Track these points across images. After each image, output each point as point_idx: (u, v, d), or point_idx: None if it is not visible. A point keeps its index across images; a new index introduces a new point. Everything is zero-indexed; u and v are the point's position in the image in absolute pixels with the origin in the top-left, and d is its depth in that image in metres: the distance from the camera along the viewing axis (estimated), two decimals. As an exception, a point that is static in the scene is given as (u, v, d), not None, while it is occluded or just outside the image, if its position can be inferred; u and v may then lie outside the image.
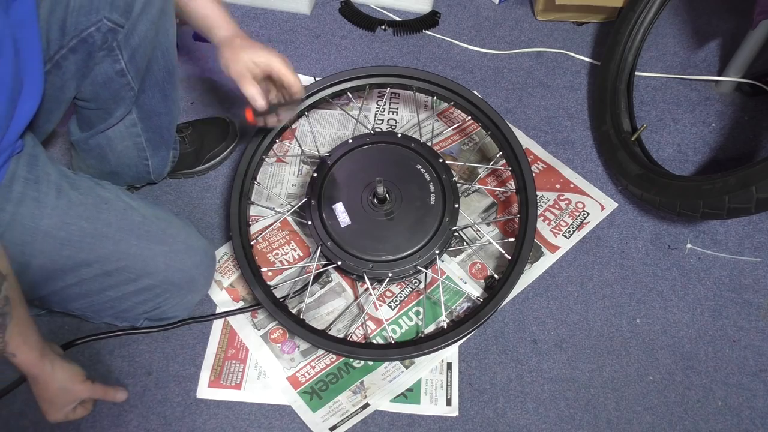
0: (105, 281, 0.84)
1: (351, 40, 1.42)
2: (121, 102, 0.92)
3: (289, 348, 0.97)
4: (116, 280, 0.84)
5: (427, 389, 0.94)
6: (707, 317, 1.03)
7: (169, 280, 0.88)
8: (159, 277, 0.87)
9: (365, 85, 1.08)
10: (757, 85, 1.26)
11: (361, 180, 1.00)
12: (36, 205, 0.77)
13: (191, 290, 0.93)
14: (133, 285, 0.86)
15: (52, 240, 0.78)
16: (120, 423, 0.91)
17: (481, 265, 1.06)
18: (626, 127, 1.19)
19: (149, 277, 0.86)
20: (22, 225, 0.76)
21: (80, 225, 0.80)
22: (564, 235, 1.10)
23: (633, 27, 1.23)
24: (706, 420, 0.93)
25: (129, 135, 0.99)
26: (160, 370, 0.96)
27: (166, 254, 0.87)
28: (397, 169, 1.02)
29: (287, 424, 0.91)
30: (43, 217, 0.77)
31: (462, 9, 1.48)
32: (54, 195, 0.79)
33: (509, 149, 1.01)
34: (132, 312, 0.92)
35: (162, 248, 0.86)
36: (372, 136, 1.06)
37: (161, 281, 0.87)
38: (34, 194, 0.77)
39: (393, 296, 1.03)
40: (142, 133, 0.99)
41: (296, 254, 1.07)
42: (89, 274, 0.82)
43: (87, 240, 0.80)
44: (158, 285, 0.87)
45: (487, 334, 1.00)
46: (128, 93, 0.91)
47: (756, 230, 1.12)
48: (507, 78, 1.35)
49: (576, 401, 0.94)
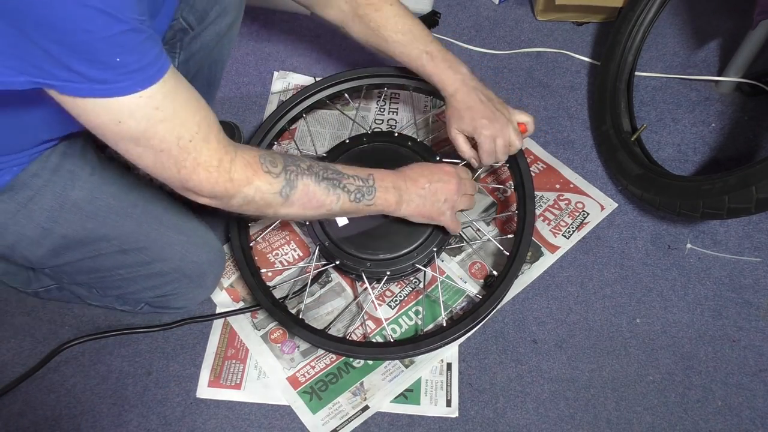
0: (120, 259, 0.86)
1: (351, 40, 1.41)
2: None
3: (289, 348, 0.97)
4: (131, 259, 0.86)
5: (427, 389, 0.94)
6: (707, 317, 1.03)
7: (182, 270, 0.90)
8: (173, 265, 0.89)
9: (362, 86, 1.08)
10: (757, 85, 1.26)
11: None
12: (70, 177, 0.79)
13: (200, 285, 0.95)
14: (146, 268, 0.88)
15: (79, 211, 0.80)
16: (120, 423, 0.91)
17: (480, 265, 1.06)
18: (626, 127, 1.19)
19: (163, 263, 0.88)
20: (53, 192, 0.78)
21: (108, 201, 0.82)
22: (564, 235, 1.10)
23: (633, 27, 1.23)
24: (706, 420, 0.93)
25: None
26: (160, 370, 0.96)
27: (183, 244, 0.89)
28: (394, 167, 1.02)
29: (287, 424, 0.91)
30: (75, 188, 0.80)
31: (462, 9, 1.48)
32: (89, 171, 0.81)
33: None
34: (138, 295, 0.94)
35: (180, 238, 0.89)
36: (369, 136, 1.06)
37: (174, 269, 0.89)
38: (70, 167, 0.80)
39: (393, 296, 1.03)
40: None
41: (296, 254, 1.07)
42: (107, 249, 0.84)
43: (112, 216, 0.82)
44: (170, 273, 0.90)
45: (487, 334, 1.00)
46: None
47: (756, 230, 1.12)
48: (507, 78, 1.35)
49: (576, 401, 0.94)
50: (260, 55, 1.37)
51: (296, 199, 0.74)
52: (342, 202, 0.78)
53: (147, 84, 0.58)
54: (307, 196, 0.75)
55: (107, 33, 0.53)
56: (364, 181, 0.80)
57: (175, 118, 0.62)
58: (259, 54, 1.37)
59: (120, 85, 0.57)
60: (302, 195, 0.74)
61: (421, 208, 0.86)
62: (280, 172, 0.72)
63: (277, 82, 1.31)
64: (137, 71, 0.57)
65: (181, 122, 0.62)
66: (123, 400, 0.93)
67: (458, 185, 0.88)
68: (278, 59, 1.37)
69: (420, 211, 0.86)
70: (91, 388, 0.94)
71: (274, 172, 0.72)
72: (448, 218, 0.90)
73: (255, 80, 1.32)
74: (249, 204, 0.72)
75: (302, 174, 0.74)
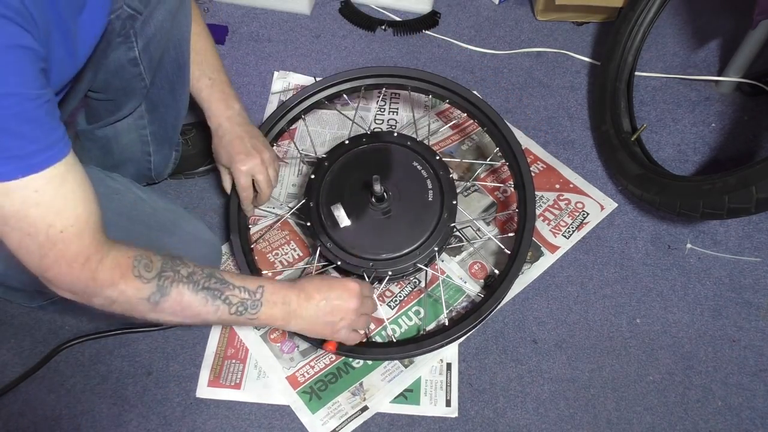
0: None
1: (351, 40, 1.42)
2: (132, 94, 0.92)
3: (289, 348, 0.97)
4: None
5: (427, 389, 0.94)
6: (707, 317, 1.03)
7: None
8: None
9: (360, 86, 1.08)
10: (757, 85, 1.26)
11: (358, 179, 1.00)
12: None
13: None
14: None
15: None
16: (120, 423, 0.91)
17: (480, 265, 1.06)
18: (626, 127, 1.19)
19: None
20: None
21: None
22: (564, 235, 1.10)
23: (633, 27, 1.23)
24: (706, 420, 0.93)
25: (135, 127, 0.99)
26: (160, 370, 0.96)
27: (174, 245, 0.88)
28: (394, 167, 1.02)
29: (287, 424, 0.91)
30: None
31: (462, 9, 1.48)
32: None
33: (505, 145, 1.01)
34: None
35: (171, 239, 0.88)
36: (368, 136, 1.06)
37: None
38: None
39: (393, 296, 1.03)
40: (147, 126, 1.00)
41: (296, 254, 1.07)
42: None
43: None
44: None
45: (487, 334, 1.00)
46: (139, 84, 0.91)
47: (756, 230, 1.12)
48: (507, 78, 1.35)
49: (576, 401, 0.94)
50: (260, 55, 1.37)
51: (167, 306, 0.70)
52: (221, 314, 0.74)
53: (28, 172, 0.56)
54: (180, 305, 0.71)
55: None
56: (251, 293, 0.75)
57: (52, 205, 0.59)
58: (259, 54, 1.37)
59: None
60: (174, 303, 0.70)
61: (313, 325, 0.82)
62: (152, 277, 0.68)
63: (277, 82, 1.31)
64: (19, 158, 0.55)
65: (56, 211, 0.59)
66: (123, 400, 0.93)
67: (358, 305, 0.83)
68: (278, 59, 1.37)
69: (312, 328, 0.82)
70: (91, 388, 0.94)
71: (145, 277, 0.68)
72: (343, 336, 0.85)
73: (255, 80, 1.33)
74: (113, 305, 0.68)
75: (179, 281, 0.70)
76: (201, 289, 0.72)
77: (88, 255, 0.63)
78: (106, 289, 0.66)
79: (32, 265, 0.63)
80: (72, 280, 0.64)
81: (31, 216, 0.58)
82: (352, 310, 0.82)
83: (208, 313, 0.73)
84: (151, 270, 0.68)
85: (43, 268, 0.62)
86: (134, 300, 0.68)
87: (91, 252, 0.63)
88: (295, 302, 0.79)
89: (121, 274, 0.66)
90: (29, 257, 0.62)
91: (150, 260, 0.69)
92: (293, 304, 0.79)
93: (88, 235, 0.63)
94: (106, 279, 0.65)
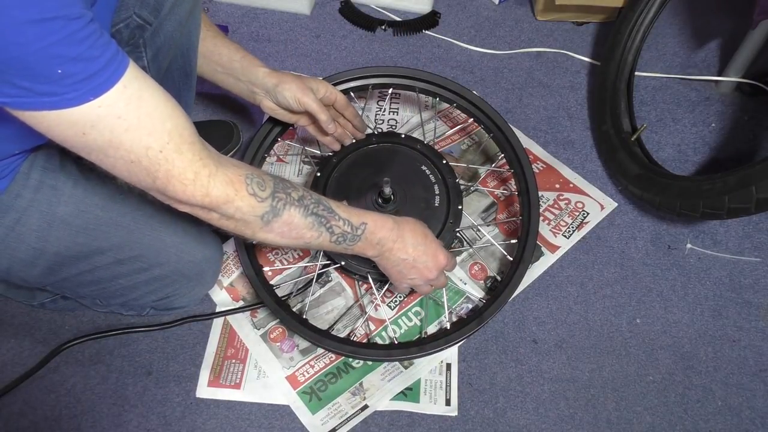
0: (117, 269, 0.86)
1: (351, 40, 1.42)
2: None
3: (288, 347, 0.97)
4: (129, 268, 0.86)
5: (427, 389, 0.94)
6: (707, 317, 1.03)
7: (180, 271, 0.90)
8: (170, 268, 0.89)
9: (368, 85, 1.08)
10: (757, 85, 1.26)
11: (365, 180, 1.00)
12: (53, 193, 0.78)
13: (199, 282, 0.95)
14: (144, 274, 0.88)
15: (68, 227, 0.79)
16: (120, 423, 0.91)
17: (480, 266, 1.06)
18: (626, 127, 1.19)
19: (160, 267, 0.88)
20: (39, 211, 0.77)
21: (96, 213, 0.81)
22: (564, 235, 1.10)
23: (633, 27, 1.23)
24: (706, 420, 0.93)
25: None
26: (160, 370, 0.96)
27: (178, 246, 0.89)
28: (403, 169, 1.02)
29: (287, 424, 0.91)
30: (60, 204, 0.78)
31: (462, 9, 1.48)
32: (71, 184, 0.80)
33: (511, 152, 1.01)
34: (141, 300, 0.94)
35: (174, 240, 0.88)
36: (377, 137, 1.06)
37: (172, 272, 0.89)
38: (52, 182, 0.78)
39: (393, 296, 1.03)
40: None
41: (296, 253, 1.07)
42: (103, 261, 0.84)
43: (102, 228, 0.82)
44: (169, 275, 0.90)
45: (487, 334, 1.00)
46: None
47: (756, 230, 1.12)
48: (507, 78, 1.35)
49: (576, 401, 0.94)
50: (260, 55, 1.35)
51: (276, 227, 0.72)
52: (322, 240, 0.76)
53: (99, 92, 0.55)
54: (289, 226, 0.73)
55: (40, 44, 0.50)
56: (354, 228, 0.78)
57: (140, 127, 0.59)
58: (259, 54, 1.36)
59: (69, 96, 0.54)
60: (284, 224, 0.72)
61: (390, 268, 0.86)
62: (266, 196, 0.70)
63: (277, 82, 1.31)
64: (85, 80, 0.54)
65: (148, 132, 0.59)
66: (123, 400, 0.93)
67: (435, 276, 0.87)
68: (278, 59, 1.37)
69: (386, 267, 0.86)
70: (91, 388, 0.94)
71: (260, 196, 0.69)
72: (402, 288, 0.91)
73: (255, 80, 1.32)
74: (228, 221, 0.70)
75: (291, 204, 0.72)
76: (310, 214, 0.74)
77: (196, 170, 0.63)
78: (222, 206, 0.67)
79: (150, 189, 0.64)
80: (188, 197, 0.64)
81: (126, 143, 0.59)
82: (427, 278, 0.87)
83: (311, 238, 0.76)
84: (264, 189, 0.70)
85: (161, 189, 0.63)
86: (249, 217, 0.69)
87: (198, 167, 0.64)
88: (388, 246, 0.82)
89: (235, 191, 0.67)
90: (144, 183, 0.63)
91: (262, 179, 0.70)
92: (386, 247, 0.82)
93: (187, 149, 0.63)
94: (220, 195, 0.66)
